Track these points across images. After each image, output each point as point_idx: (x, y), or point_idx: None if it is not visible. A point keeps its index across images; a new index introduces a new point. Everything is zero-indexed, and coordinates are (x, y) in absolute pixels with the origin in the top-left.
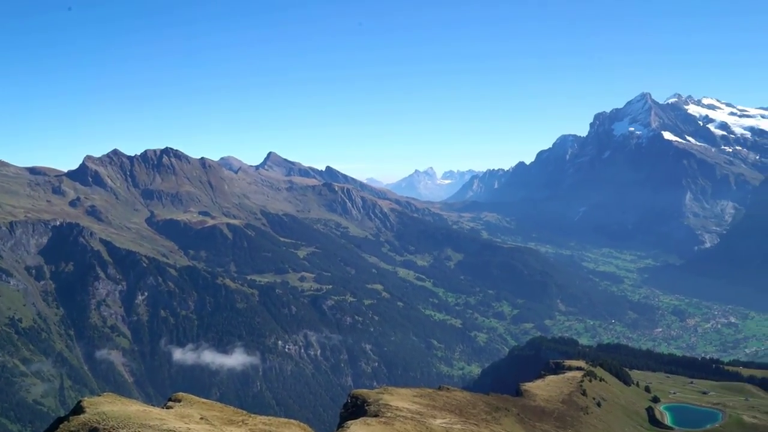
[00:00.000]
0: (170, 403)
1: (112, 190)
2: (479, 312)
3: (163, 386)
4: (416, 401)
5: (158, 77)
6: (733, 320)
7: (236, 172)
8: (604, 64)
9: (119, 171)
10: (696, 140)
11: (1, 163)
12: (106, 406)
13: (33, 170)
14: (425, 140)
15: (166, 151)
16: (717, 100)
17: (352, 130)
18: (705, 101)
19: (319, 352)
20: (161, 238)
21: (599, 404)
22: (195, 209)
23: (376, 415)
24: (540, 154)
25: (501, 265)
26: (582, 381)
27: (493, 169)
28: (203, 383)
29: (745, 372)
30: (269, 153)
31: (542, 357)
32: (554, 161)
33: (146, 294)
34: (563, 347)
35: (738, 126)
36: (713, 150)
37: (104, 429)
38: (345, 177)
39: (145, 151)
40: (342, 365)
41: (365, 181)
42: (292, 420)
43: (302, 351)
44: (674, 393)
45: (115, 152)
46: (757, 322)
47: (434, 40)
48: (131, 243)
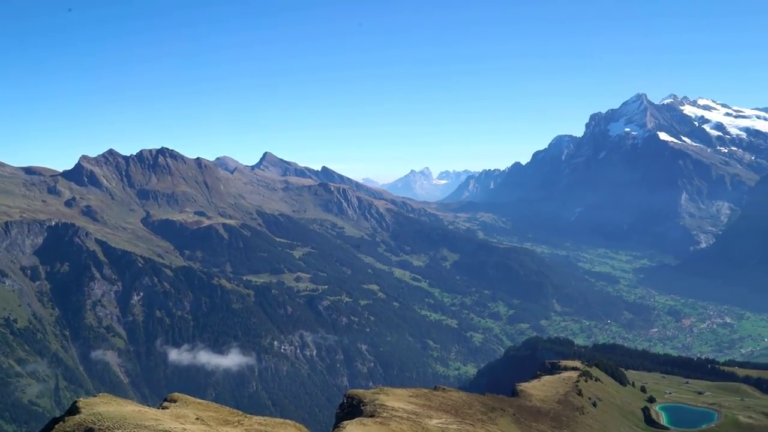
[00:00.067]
0: (166, 404)
1: (108, 190)
2: (475, 312)
3: (159, 387)
4: (412, 401)
5: (154, 77)
6: (729, 320)
7: (232, 172)
8: (600, 65)
9: (115, 171)
10: (692, 141)
11: None
12: (102, 407)
13: (28, 170)
14: (421, 140)
15: (162, 151)
16: (712, 101)
17: (348, 131)
18: (701, 102)
19: (315, 353)
20: (157, 239)
21: (595, 404)
22: (191, 209)
23: (372, 416)
24: (536, 155)
25: (497, 266)
26: (578, 381)
27: (489, 170)
28: (199, 384)
29: (741, 372)
30: (265, 153)
31: (538, 357)
32: (550, 162)
33: (142, 294)
34: (559, 347)
35: (733, 127)
36: (709, 150)
37: (99, 429)
38: (341, 177)
39: (141, 151)
40: (338, 365)
41: (361, 182)
42: (288, 420)
43: (298, 351)
44: (670, 393)
45: (111, 152)
46: (753, 323)
47: (430, 42)
48: (127, 243)
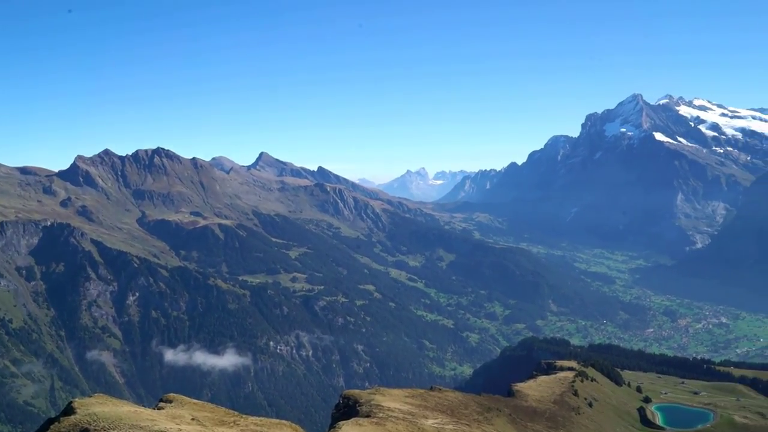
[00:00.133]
0: (161, 404)
1: (104, 191)
2: (471, 312)
3: (155, 387)
4: (408, 402)
5: (150, 78)
6: (725, 321)
7: (228, 173)
8: (596, 66)
9: (110, 171)
10: (687, 141)
11: None
12: (97, 407)
13: (24, 170)
14: (417, 141)
15: (158, 151)
16: (708, 101)
17: (345, 131)
18: (696, 102)
19: (311, 353)
20: (152, 239)
21: (591, 404)
22: (186, 209)
23: (368, 416)
24: (532, 155)
25: (493, 266)
26: (574, 381)
27: (485, 170)
28: (195, 384)
29: (736, 372)
30: (261, 153)
31: (534, 357)
32: (546, 162)
33: (137, 295)
34: (555, 348)
35: (729, 127)
36: (704, 151)
37: (95, 430)
38: (337, 177)
39: (137, 151)
40: (334, 366)
41: (357, 182)
42: (284, 421)
43: (294, 352)
44: (665, 393)
45: (107, 152)
46: (748, 323)
47: (426, 43)
48: (122, 243)
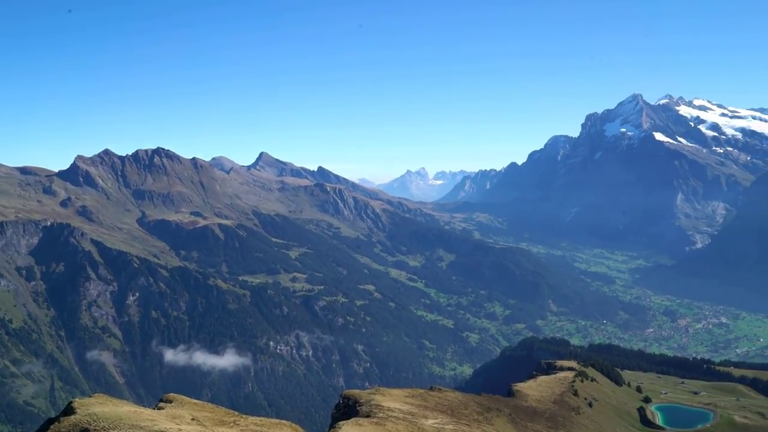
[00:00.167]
0: (161, 404)
1: (104, 191)
2: (471, 312)
3: (155, 387)
4: (408, 402)
5: (150, 78)
6: (724, 320)
7: (228, 173)
8: (596, 66)
9: (110, 171)
10: (687, 141)
11: None
12: (97, 407)
13: (24, 170)
14: (417, 141)
15: (158, 151)
16: (708, 101)
17: (345, 131)
18: (696, 102)
19: (311, 353)
20: (152, 239)
21: (591, 404)
22: (186, 209)
23: (368, 416)
24: (532, 155)
25: (493, 266)
26: (573, 381)
27: (485, 170)
28: (194, 384)
29: (736, 372)
30: (261, 153)
31: (534, 357)
32: (546, 162)
33: (137, 295)
34: (555, 348)
35: (729, 127)
36: (704, 151)
37: (95, 430)
38: (337, 177)
39: (137, 151)
40: (334, 366)
41: (357, 182)
42: (284, 421)
43: (294, 352)
44: (665, 393)
45: (107, 152)
46: (748, 323)
47: (427, 43)
48: (122, 243)
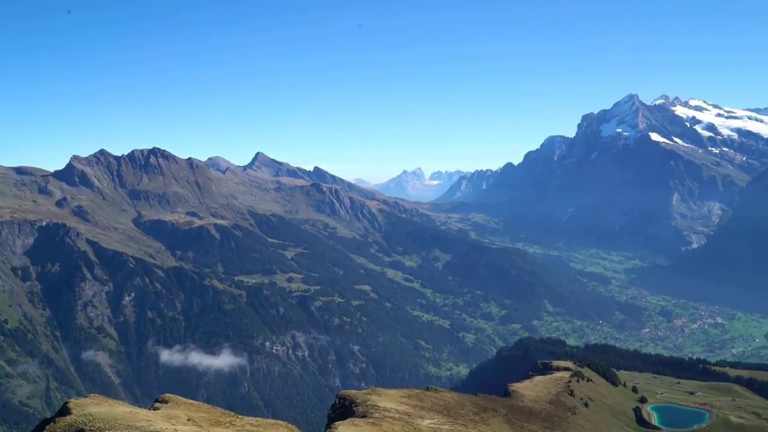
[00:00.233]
0: (157, 405)
1: (99, 191)
2: (467, 313)
3: (150, 387)
4: (404, 402)
5: (147, 78)
6: (720, 321)
7: (224, 173)
8: (592, 66)
9: (106, 171)
10: (683, 141)
11: None
12: (93, 408)
13: (19, 170)
14: (414, 141)
15: (154, 152)
16: (704, 102)
17: (341, 131)
18: (692, 102)
19: (307, 353)
20: (148, 239)
21: (587, 404)
22: (182, 210)
23: (364, 416)
24: (528, 155)
25: (489, 266)
26: (569, 381)
27: (481, 170)
28: (190, 384)
29: (732, 372)
30: (257, 153)
31: (530, 357)
32: (542, 162)
33: (133, 295)
34: (551, 348)
35: (725, 127)
36: (700, 151)
37: (90, 430)
38: (333, 177)
39: (132, 152)
40: (330, 366)
41: (353, 182)
42: (280, 421)
43: (290, 352)
44: (661, 393)
45: (102, 152)
46: (744, 323)
47: (423, 43)
48: (118, 243)
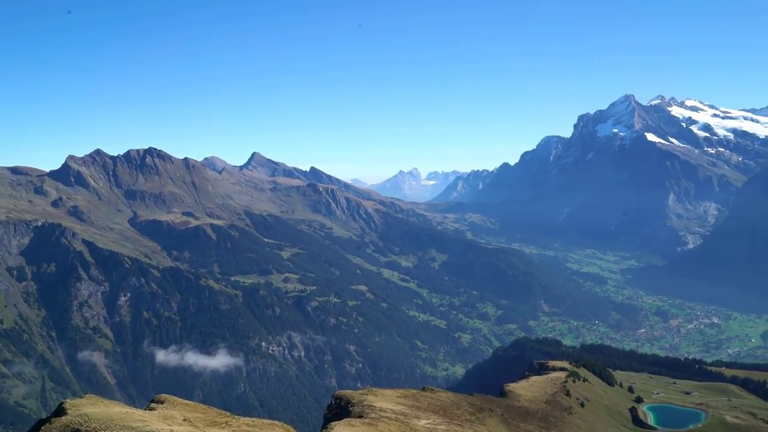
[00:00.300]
0: (153, 405)
1: (95, 191)
2: (463, 313)
3: (146, 388)
4: (400, 402)
5: (143, 78)
6: (716, 321)
7: (220, 173)
8: (588, 66)
9: (102, 171)
10: (679, 142)
11: None
12: (88, 408)
13: (15, 170)
14: (410, 141)
15: (150, 152)
16: (700, 102)
17: (337, 131)
18: (688, 103)
19: (303, 354)
20: (144, 239)
21: (583, 404)
22: (178, 210)
23: (360, 416)
24: (524, 155)
25: (485, 266)
26: (566, 381)
27: (478, 170)
28: (186, 385)
29: (728, 372)
30: (253, 153)
31: (526, 358)
32: (538, 162)
33: (129, 295)
34: (547, 348)
35: (721, 128)
36: (696, 151)
37: (86, 431)
38: (329, 178)
39: (128, 151)
40: (326, 366)
41: (350, 182)
42: (276, 421)
43: (286, 352)
44: (657, 393)
45: (98, 152)
46: (740, 323)
47: (420, 44)
48: (114, 244)
